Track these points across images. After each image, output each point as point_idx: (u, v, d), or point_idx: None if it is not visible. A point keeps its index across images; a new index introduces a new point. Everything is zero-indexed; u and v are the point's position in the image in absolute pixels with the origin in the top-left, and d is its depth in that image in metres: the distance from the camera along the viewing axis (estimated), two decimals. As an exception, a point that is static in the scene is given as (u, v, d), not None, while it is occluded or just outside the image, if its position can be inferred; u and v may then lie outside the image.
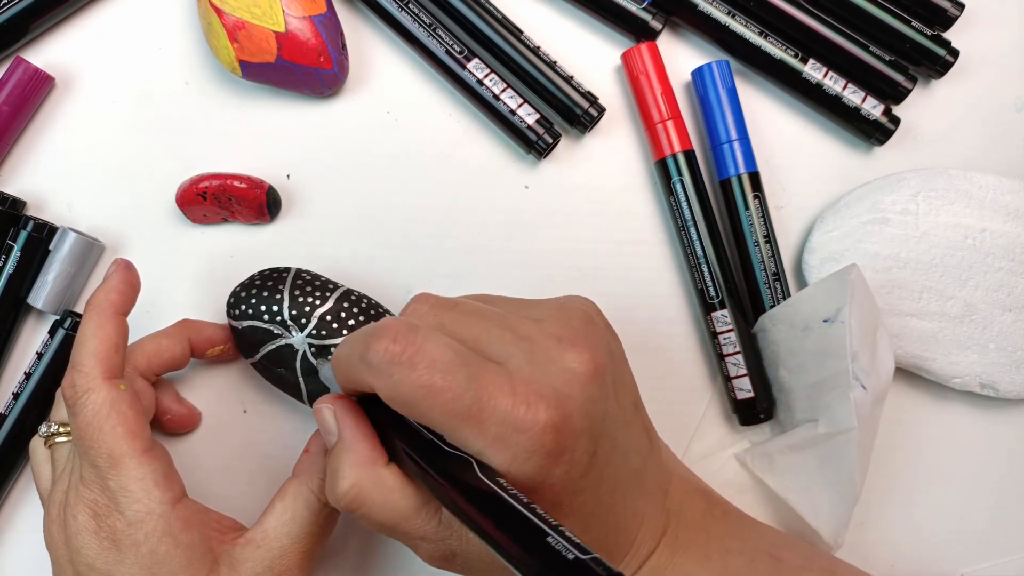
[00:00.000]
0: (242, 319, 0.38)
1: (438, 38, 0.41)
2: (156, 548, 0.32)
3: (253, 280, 0.39)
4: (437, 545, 0.29)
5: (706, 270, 0.41)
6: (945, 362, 0.41)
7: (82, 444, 0.32)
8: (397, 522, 0.29)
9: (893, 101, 0.42)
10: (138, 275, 0.36)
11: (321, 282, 0.38)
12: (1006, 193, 0.41)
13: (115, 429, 0.32)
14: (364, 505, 0.29)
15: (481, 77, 0.41)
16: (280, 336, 0.37)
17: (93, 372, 0.33)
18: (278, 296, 0.38)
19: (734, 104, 0.41)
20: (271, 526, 0.34)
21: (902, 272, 0.40)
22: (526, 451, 0.26)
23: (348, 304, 0.38)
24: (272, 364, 0.38)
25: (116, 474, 0.32)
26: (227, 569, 0.33)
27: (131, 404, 0.33)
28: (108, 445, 0.32)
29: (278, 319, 0.37)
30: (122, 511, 0.32)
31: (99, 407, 0.32)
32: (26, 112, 0.41)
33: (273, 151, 0.43)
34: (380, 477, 0.30)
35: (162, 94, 0.43)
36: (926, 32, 0.41)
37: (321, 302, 0.37)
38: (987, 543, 0.43)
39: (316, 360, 0.37)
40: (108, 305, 0.34)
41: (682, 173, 0.41)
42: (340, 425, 0.31)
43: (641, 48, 0.41)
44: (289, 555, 0.34)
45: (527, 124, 0.41)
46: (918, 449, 0.43)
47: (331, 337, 0.37)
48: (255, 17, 0.39)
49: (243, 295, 0.38)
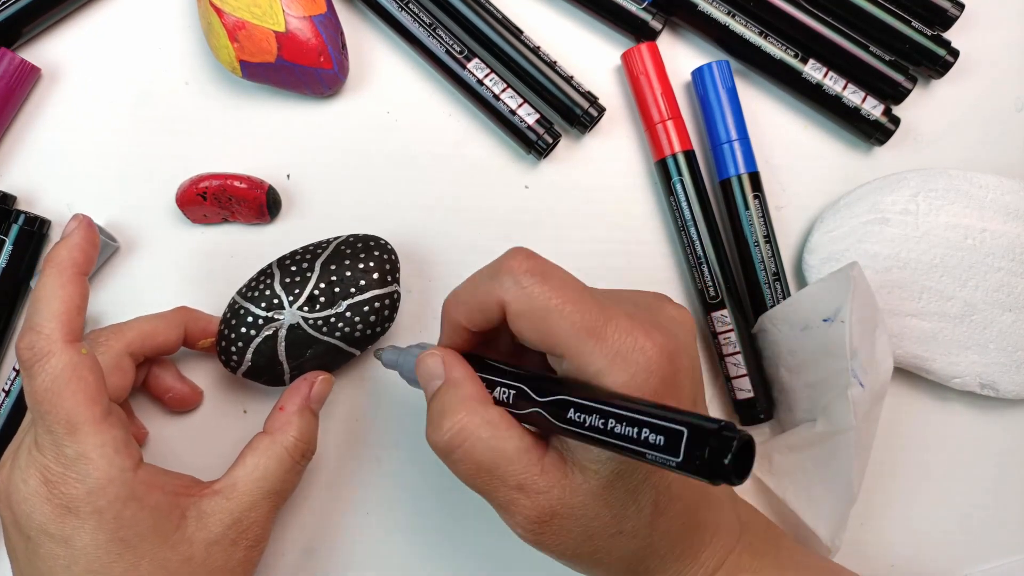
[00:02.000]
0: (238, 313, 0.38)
1: (438, 38, 0.41)
2: (121, 513, 0.31)
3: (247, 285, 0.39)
4: (536, 499, 0.29)
5: (706, 270, 0.41)
6: (945, 362, 0.41)
7: (38, 409, 0.31)
8: (498, 463, 0.29)
9: (893, 101, 0.42)
10: (98, 235, 0.35)
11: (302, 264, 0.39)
12: (1006, 193, 0.41)
13: (75, 395, 0.31)
14: (467, 441, 0.29)
15: (481, 77, 0.41)
16: (270, 321, 0.37)
17: (54, 335, 0.31)
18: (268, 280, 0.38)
19: (734, 104, 0.41)
20: (240, 479, 0.35)
21: (902, 272, 0.40)
22: (645, 371, 0.27)
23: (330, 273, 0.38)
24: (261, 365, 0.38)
25: (74, 441, 0.31)
26: (195, 521, 0.33)
27: (92, 368, 0.32)
28: (67, 411, 0.31)
29: (274, 302, 0.37)
30: (81, 479, 0.31)
31: (59, 371, 0.31)
32: (13, 104, 0.41)
33: (273, 151, 0.43)
34: (489, 414, 0.30)
35: (162, 94, 0.43)
36: (926, 32, 0.41)
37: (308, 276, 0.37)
38: (987, 543, 0.43)
39: (376, 351, 0.37)
40: (71, 264, 0.33)
41: (682, 173, 0.41)
42: (447, 368, 0.31)
43: (641, 48, 0.41)
44: (258, 508, 0.34)
45: (527, 124, 0.41)
46: (918, 449, 0.43)
47: (326, 308, 0.37)
48: (255, 17, 0.39)
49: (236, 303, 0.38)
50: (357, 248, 0.38)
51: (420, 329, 0.42)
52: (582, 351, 0.28)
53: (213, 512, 0.34)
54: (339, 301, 0.37)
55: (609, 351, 0.28)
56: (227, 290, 0.41)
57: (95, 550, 0.31)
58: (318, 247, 0.38)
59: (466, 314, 0.31)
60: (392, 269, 0.38)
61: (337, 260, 0.38)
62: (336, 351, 0.38)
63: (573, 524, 0.29)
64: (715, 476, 0.22)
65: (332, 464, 0.42)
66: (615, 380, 0.27)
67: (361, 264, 0.37)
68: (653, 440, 0.24)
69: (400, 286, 0.39)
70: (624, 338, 0.28)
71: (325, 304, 0.37)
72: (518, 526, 0.30)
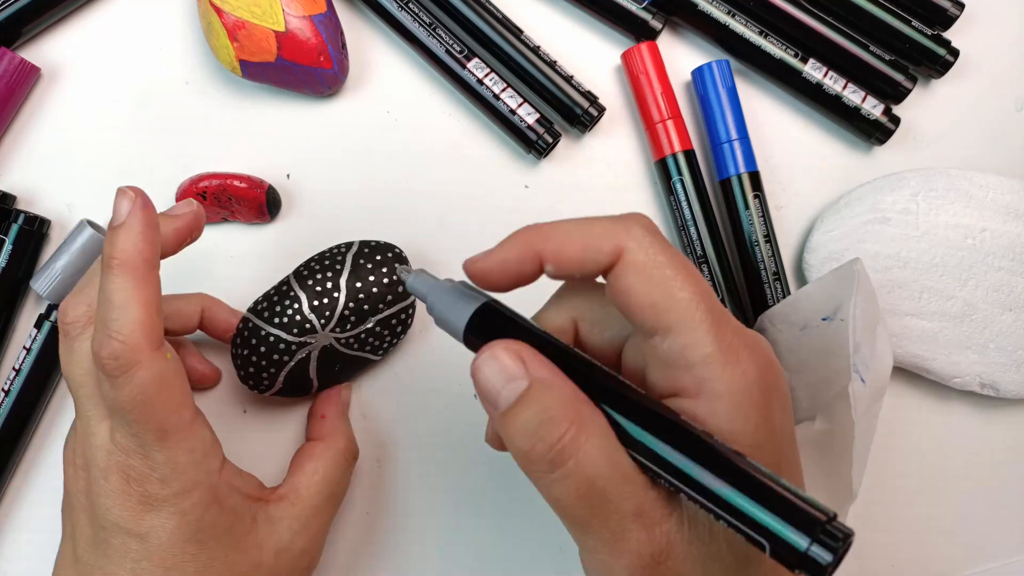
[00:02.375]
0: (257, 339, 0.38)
1: (438, 38, 0.41)
2: (203, 516, 0.31)
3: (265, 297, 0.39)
4: (652, 531, 0.24)
5: (706, 270, 0.41)
6: (945, 362, 0.41)
7: (126, 417, 0.30)
8: (616, 481, 0.24)
9: (893, 101, 0.42)
10: (157, 212, 0.31)
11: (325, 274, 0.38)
12: (1006, 193, 0.41)
13: (165, 404, 0.30)
14: (582, 451, 0.24)
15: (481, 77, 0.41)
16: (302, 345, 0.37)
17: (139, 344, 0.29)
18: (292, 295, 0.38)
19: (734, 104, 0.41)
20: (303, 484, 0.35)
21: (902, 272, 0.40)
22: (755, 376, 0.24)
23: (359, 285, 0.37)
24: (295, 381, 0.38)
25: (164, 447, 0.30)
26: (265, 526, 0.33)
27: (178, 373, 0.31)
28: (158, 420, 0.29)
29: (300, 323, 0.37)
30: (166, 481, 0.30)
31: (149, 382, 0.29)
32: (13, 104, 0.41)
33: (273, 151, 0.43)
34: (599, 419, 0.24)
35: (162, 94, 0.43)
36: (926, 32, 0.41)
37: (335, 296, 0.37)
38: (987, 543, 0.43)
39: (400, 268, 0.31)
40: (142, 261, 0.29)
41: (682, 173, 0.41)
42: (531, 366, 0.25)
43: (641, 48, 0.41)
44: (322, 514, 0.35)
45: (527, 124, 0.41)
46: (918, 449, 0.43)
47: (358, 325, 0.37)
48: (255, 16, 0.39)
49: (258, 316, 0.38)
50: (376, 261, 0.38)
51: (421, 329, 0.42)
52: (697, 328, 0.24)
53: (281, 518, 0.34)
54: (368, 318, 0.37)
55: (720, 342, 0.24)
56: (226, 289, 0.41)
57: (171, 548, 0.31)
58: (335, 260, 0.38)
59: (555, 247, 0.26)
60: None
61: (360, 276, 0.37)
62: (363, 363, 0.39)
63: (691, 567, 0.24)
64: (805, 570, 0.21)
65: (332, 464, 0.42)
66: (716, 378, 0.24)
67: (385, 280, 0.37)
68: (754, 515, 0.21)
69: None
70: (735, 340, 0.24)
71: (355, 323, 0.37)
72: (624, 569, 0.24)
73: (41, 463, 0.41)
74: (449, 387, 0.42)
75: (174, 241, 0.33)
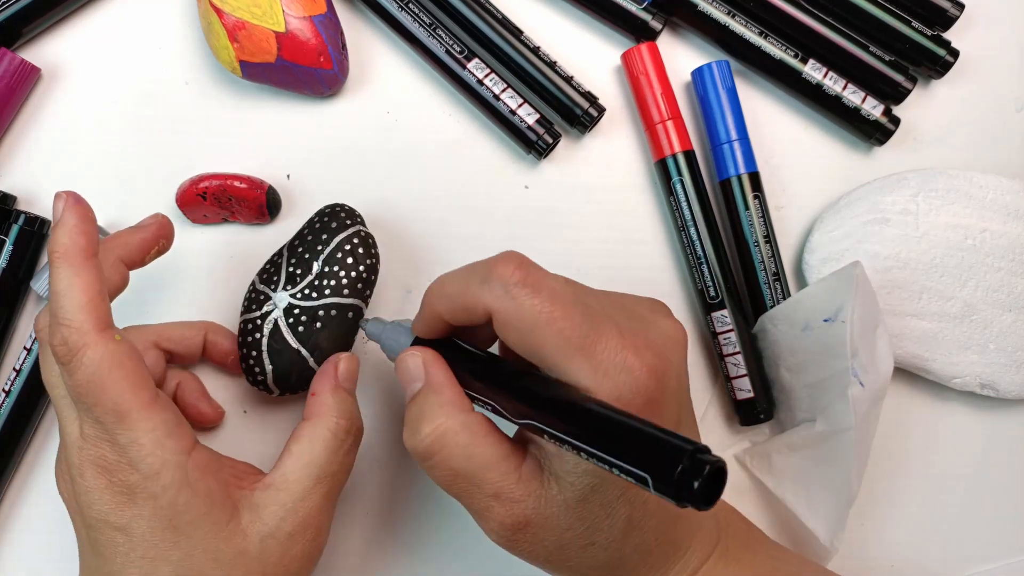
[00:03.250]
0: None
1: (438, 38, 0.41)
2: (175, 500, 0.31)
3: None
4: (511, 508, 0.29)
5: (706, 270, 0.41)
6: (945, 362, 0.41)
7: (83, 403, 0.30)
8: (475, 471, 0.29)
9: (893, 101, 0.42)
10: (91, 208, 0.32)
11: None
12: (1006, 193, 0.41)
13: (119, 383, 0.30)
14: (445, 448, 0.29)
15: (481, 77, 0.41)
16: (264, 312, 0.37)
17: (84, 326, 0.30)
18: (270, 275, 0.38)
19: (734, 104, 0.41)
20: (290, 469, 0.34)
21: (902, 272, 0.40)
22: (631, 390, 0.27)
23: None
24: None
25: (125, 428, 0.30)
26: (248, 514, 0.32)
27: (130, 354, 0.31)
28: (113, 401, 0.30)
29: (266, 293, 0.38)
30: (135, 465, 0.30)
31: (98, 363, 0.30)
32: (13, 104, 0.41)
33: (273, 151, 0.43)
34: (468, 421, 0.30)
35: (162, 94, 0.43)
36: (926, 32, 0.41)
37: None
38: (988, 544, 0.43)
39: (361, 321, 0.36)
40: (75, 250, 0.31)
41: (682, 173, 0.41)
42: (428, 370, 0.31)
43: (641, 48, 0.41)
44: (312, 497, 0.33)
45: (527, 124, 0.41)
46: (918, 449, 0.43)
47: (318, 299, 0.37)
48: (255, 17, 0.39)
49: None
50: (311, 220, 0.39)
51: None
52: (569, 367, 0.28)
53: (266, 504, 0.33)
54: (312, 263, 0.37)
55: (597, 369, 0.28)
56: (226, 290, 0.41)
57: (151, 537, 0.31)
58: (283, 248, 0.39)
59: (449, 309, 0.31)
60: (347, 215, 0.38)
61: (298, 237, 0.39)
62: (338, 309, 0.37)
63: (546, 534, 0.29)
64: (682, 499, 0.22)
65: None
66: (607, 391, 0.27)
67: (318, 224, 0.38)
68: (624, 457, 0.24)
69: (364, 225, 0.39)
70: (613, 356, 0.28)
71: (303, 274, 0.37)
72: (492, 532, 0.30)
73: (42, 463, 0.41)
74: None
75: (138, 250, 0.35)
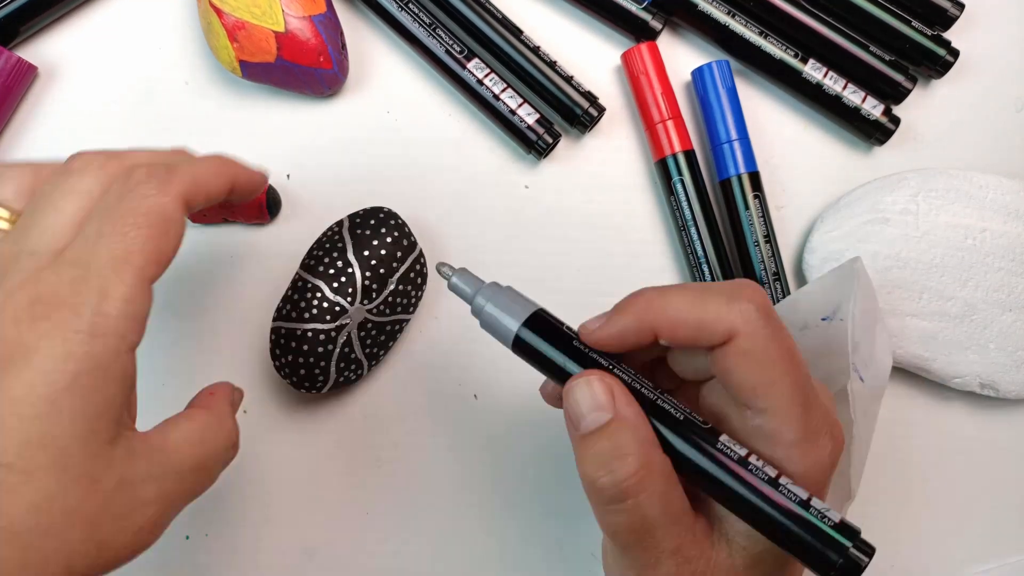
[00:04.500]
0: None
1: (438, 38, 0.41)
2: (80, 369, 0.25)
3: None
4: (683, 567, 0.26)
5: (707, 270, 0.41)
6: (945, 362, 0.41)
7: (99, 228, 0.26)
8: (665, 521, 0.26)
9: (893, 101, 0.42)
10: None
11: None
12: (1006, 193, 0.41)
13: (153, 240, 0.27)
14: (644, 492, 0.26)
15: (481, 77, 0.41)
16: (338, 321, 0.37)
17: (175, 189, 0.27)
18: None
19: (734, 104, 0.41)
20: (174, 440, 0.29)
21: (902, 272, 0.40)
22: (819, 469, 0.26)
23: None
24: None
25: (119, 282, 0.26)
26: (122, 450, 0.27)
27: (179, 227, 0.28)
28: (136, 248, 0.26)
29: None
30: (84, 316, 0.25)
31: (161, 208, 0.27)
32: (9, 103, 0.41)
33: (273, 151, 0.43)
34: (664, 464, 0.27)
35: (162, 94, 0.43)
36: (926, 32, 0.41)
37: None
38: (987, 543, 0.43)
39: (441, 267, 0.31)
40: (228, 177, 0.30)
41: (682, 173, 0.41)
42: (619, 402, 0.27)
43: (641, 48, 0.41)
44: (184, 481, 0.29)
45: (527, 124, 0.41)
46: (918, 449, 0.43)
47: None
48: (255, 17, 0.39)
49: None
50: (372, 226, 0.38)
51: (421, 331, 0.42)
52: (788, 415, 0.26)
53: (140, 454, 0.27)
54: (387, 281, 0.38)
55: (807, 432, 0.26)
56: (228, 292, 0.41)
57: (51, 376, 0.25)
58: (334, 241, 0.38)
59: (669, 323, 0.27)
60: (408, 231, 0.39)
61: (363, 245, 0.38)
62: (402, 325, 0.40)
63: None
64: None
65: (331, 465, 0.42)
66: (796, 461, 0.26)
67: (388, 238, 0.38)
68: (801, 536, 0.25)
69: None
70: (819, 425, 0.26)
71: (379, 290, 0.38)
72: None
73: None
74: (449, 388, 0.42)
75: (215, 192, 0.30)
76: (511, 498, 0.41)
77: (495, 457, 0.42)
